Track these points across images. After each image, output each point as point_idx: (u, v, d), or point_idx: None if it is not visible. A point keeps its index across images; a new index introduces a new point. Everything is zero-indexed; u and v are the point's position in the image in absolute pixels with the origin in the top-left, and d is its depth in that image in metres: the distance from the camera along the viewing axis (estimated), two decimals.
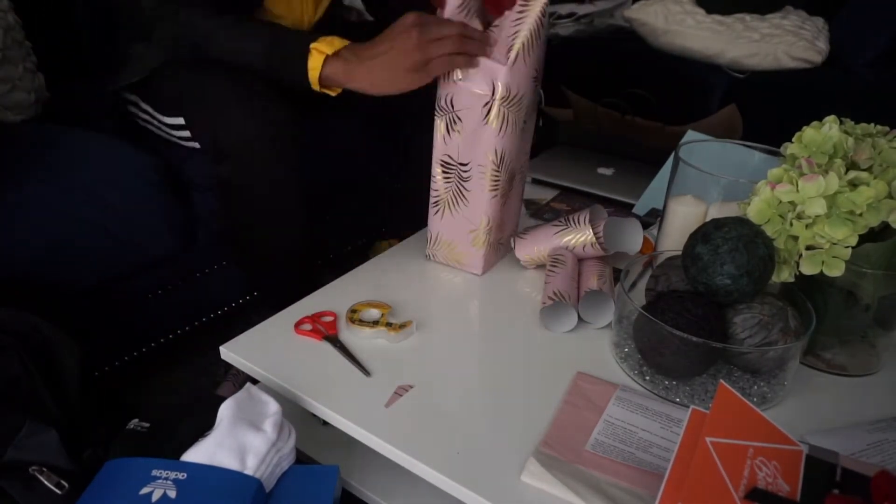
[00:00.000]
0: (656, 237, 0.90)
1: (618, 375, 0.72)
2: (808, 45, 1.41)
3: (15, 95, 1.03)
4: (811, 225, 0.65)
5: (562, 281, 0.81)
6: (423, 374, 0.71)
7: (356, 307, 0.80)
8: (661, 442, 0.61)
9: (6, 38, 1.00)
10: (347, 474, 0.71)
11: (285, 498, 0.59)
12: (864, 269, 0.67)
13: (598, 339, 0.78)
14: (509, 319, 0.81)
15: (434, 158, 0.86)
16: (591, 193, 1.21)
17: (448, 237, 0.90)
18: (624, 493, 0.55)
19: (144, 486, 0.55)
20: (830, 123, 0.69)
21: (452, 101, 0.80)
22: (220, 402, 0.61)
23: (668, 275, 0.73)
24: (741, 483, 0.48)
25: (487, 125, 0.80)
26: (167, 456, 0.58)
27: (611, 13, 1.75)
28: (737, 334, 0.66)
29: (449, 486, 0.58)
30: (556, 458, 0.59)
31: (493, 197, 0.84)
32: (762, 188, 0.68)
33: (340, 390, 0.68)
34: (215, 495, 0.55)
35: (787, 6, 1.56)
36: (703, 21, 1.51)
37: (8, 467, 0.57)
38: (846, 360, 0.74)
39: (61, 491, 0.57)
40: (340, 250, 1.38)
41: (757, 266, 0.65)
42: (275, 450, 0.60)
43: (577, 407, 0.66)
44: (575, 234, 0.87)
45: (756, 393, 0.67)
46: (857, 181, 0.64)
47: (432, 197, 0.89)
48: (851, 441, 0.61)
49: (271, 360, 0.72)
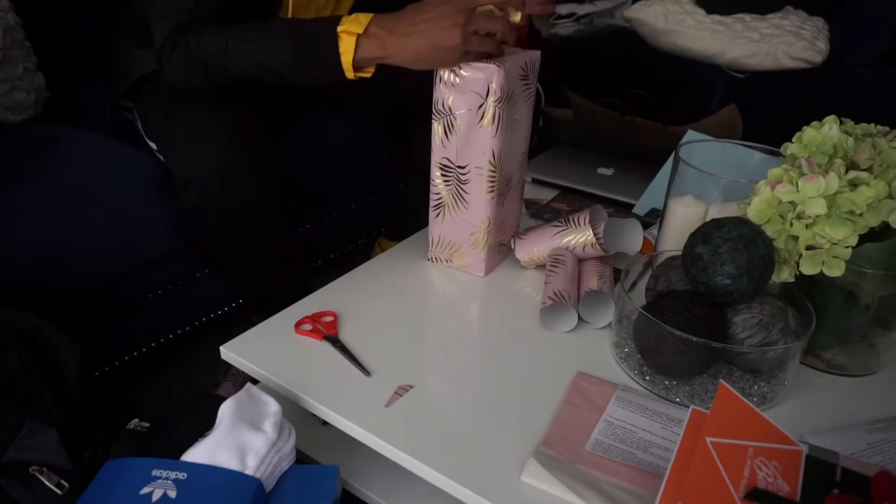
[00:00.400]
0: (656, 237, 0.90)
1: (618, 375, 0.72)
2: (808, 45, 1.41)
3: (15, 95, 1.03)
4: (811, 225, 0.65)
5: (562, 281, 0.81)
6: (423, 374, 0.71)
7: None
8: (661, 442, 0.61)
9: (6, 38, 1.00)
10: (347, 474, 0.71)
11: (285, 498, 0.59)
12: (864, 269, 0.67)
13: (598, 339, 0.78)
14: (509, 319, 0.81)
15: (433, 162, 0.86)
16: (591, 193, 1.21)
17: (449, 239, 0.90)
18: (624, 493, 0.55)
19: (144, 486, 0.55)
20: (830, 123, 0.69)
21: (449, 104, 0.80)
22: (220, 402, 0.61)
23: (668, 275, 0.73)
24: (741, 483, 0.48)
25: (482, 127, 0.80)
26: (167, 456, 0.58)
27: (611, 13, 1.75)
28: (737, 334, 0.66)
29: (449, 486, 0.58)
30: (556, 458, 0.59)
31: (491, 198, 0.85)
32: (762, 188, 0.68)
33: (340, 390, 0.68)
34: (215, 495, 0.55)
35: (787, 6, 1.56)
36: (703, 21, 1.51)
37: (8, 467, 0.57)
38: (846, 360, 0.74)
39: (61, 491, 0.57)
40: (340, 250, 1.38)
41: (757, 266, 0.65)
42: (275, 450, 0.60)
43: (577, 407, 0.66)
44: (575, 235, 0.87)
45: (756, 393, 0.67)
46: (857, 181, 0.64)
47: (433, 200, 0.89)
48: (851, 441, 0.61)
49: (271, 360, 0.72)
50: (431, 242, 0.92)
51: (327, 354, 0.74)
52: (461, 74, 0.78)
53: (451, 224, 0.89)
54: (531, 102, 0.87)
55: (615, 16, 1.73)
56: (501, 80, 0.77)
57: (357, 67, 0.77)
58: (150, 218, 0.96)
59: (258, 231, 0.91)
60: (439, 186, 0.87)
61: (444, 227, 0.90)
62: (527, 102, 0.86)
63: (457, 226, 0.88)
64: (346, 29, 0.75)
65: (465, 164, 0.83)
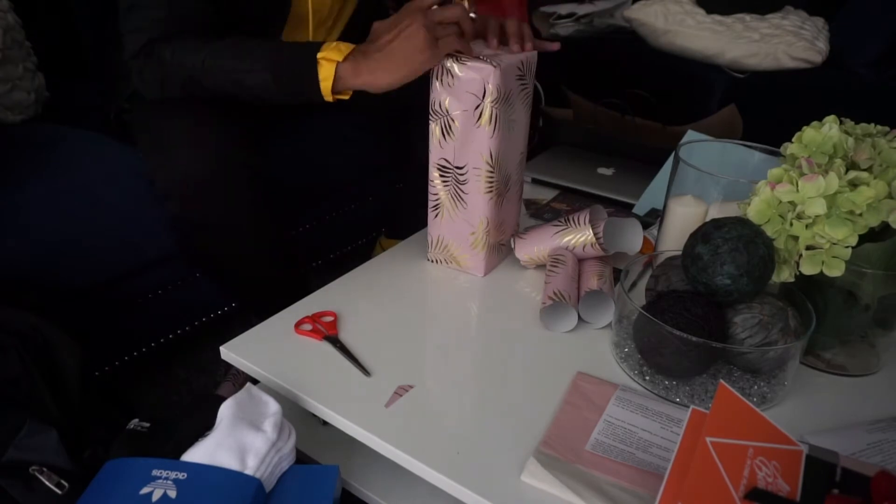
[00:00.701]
0: (656, 237, 0.90)
1: (618, 375, 0.72)
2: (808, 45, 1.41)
3: (15, 95, 1.03)
4: (811, 225, 0.65)
5: (562, 281, 0.81)
6: (423, 374, 0.71)
7: None
8: (661, 442, 0.61)
9: (6, 38, 1.00)
10: (347, 474, 0.71)
11: (285, 498, 0.59)
12: (864, 269, 0.67)
13: (598, 339, 0.78)
14: (509, 319, 0.81)
15: (431, 162, 0.86)
16: (591, 193, 1.21)
17: (448, 240, 0.90)
18: (624, 493, 0.55)
19: (144, 486, 0.55)
20: (830, 123, 0.69)
21: (445, 105, 0.80)
22: (220, 402, 0.61)
23: (668, 275, 0.73)
24: (741, 483, 0.48)
25: (480, 127, 0.80)
26: (167, 456, 0.58)
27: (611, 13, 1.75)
28: (737, 334, 0.66)
29: (449, 486, 0.58)
30: (556, 458, 0.59)
31: (489, 198, 0.85)
32: (762, 188, 0.68)
33: (340, 390, 0.68)
34: (215, 495, 0.55)
35: (787, 6, 1.56)
36: (703, 21, 1.51)
37: (8, 467, 0.57)
38: (846, 360, 0.74)
39: (61, 491, 0.57)
40: (340, 250, 1.38)
41: (757, 266, 0.65)
42: (275, 450, 0.60)
43: (577, 407, 0.66)
44: (575, 235, 0.87)
45: (756, 393, 0.67)
46: (857, 181, 0.64)
47: (431, 201, 0.89)
48: (851, 441, 0.61)
49: (271, 360, 0.72)
50: (430, 243, 0.92)
51: (327, 354, 0.74)
52: (457, 75, 0.78)
53: (450, 224, 0.89)
54: (529, 102, 0.87)
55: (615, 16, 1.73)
56: (498, 81, 0.77)
57: (335, 91, 0.79)
58: (150, 218, 0.95)
59: (242, 239, 0.90)
60: (437, 187, 0.87)
61: (442, 228, 0.90)
62: (524, 102, 0.86)
63: (456, 226, 0.88)
64: (325, 56, 0.77)
65: (463, 164, 0.83)
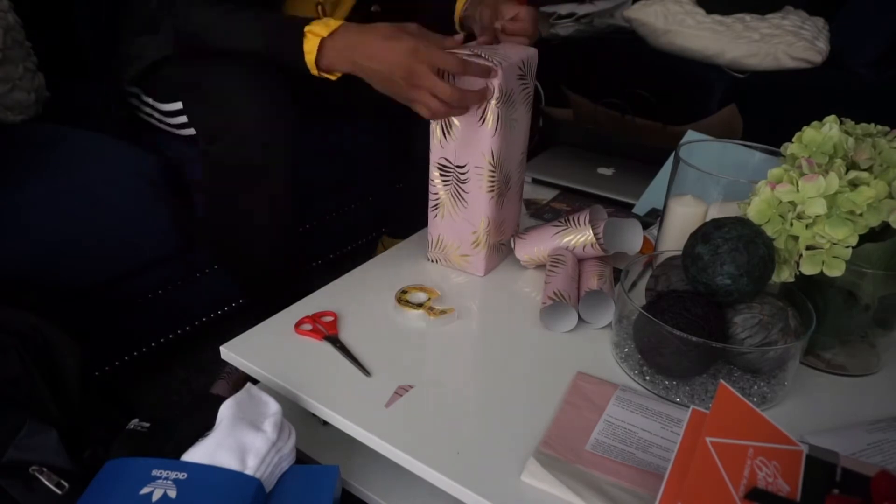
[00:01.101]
0: (656, 237, 0.90)
1: (618, 375, 0.72)
2: (808, 45, 1.41)
3: (15, 95, 1.03)
4: (811, 225, 0.65)
5: (562, 281, 0.81)
6: (423, 374, 0.71)
7: (406, 289, 0.84)
8: (661, 442, 0.61)
9: (6, 38, 1.00)
10: (347, 474, 0.71)
11: (285, 498, 0.59)
12: (864, 269, 0.67)
13: (598, 339, 0.78)
14: (509, 319, 0.81)
15: (431, 162, 0.86)
16: (591, 193, 1.21)
17: (449, 239, 0.90)
18: (624, 493, 0.55)
19: (144, 486, 0.55)
20: (830, 123, 0.69)
21: None
22: (220, 402, 0.61)
23: (668, 275, 0.73)
24: (741, 483, 0.48)
25: (483, 126, 0.80)
26: (167, 456, 0.59)
27: (611, 13, 1.75)
28: (737, 334, 0.66)
29: (449, 486, 0.58)
30: (556, 458, 0.59)
31: (490, 198, 0.84)
32: (762, 188, 0.68)
33: (340, 390, 0.68)
34: (215, 495, 0.55)
35: (787, 6, 1.56)
36: (703, 21, 1.51)
37: (8, 467, 0.57)
38: (846, 360, 0.74)
39: (61, 491, 0.57)
40: (340, 250, 1.38)
41: (757, 266, 0.65)
42: (275, 450, 0.60)
43: (577, 407, 0.66)
44: (575, 235, 0.87)
45: (756, 393, 0.67)
46: (858, 181, 0.64)
47: (431, 200, 0.89)
48: (851, 441, 0.61)
49: (271, 360, 0.72)
50: (431, 242, 0.92)
51: (327, 354, 0.74)
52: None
53: (451, 224, 0.89)
54: (529, 102, 0.87)
55: (615, 16, 1.73)
56: (500, 81, 0.77)
57: (321, 68, 0.80)
58: (150, 218, 0.96)
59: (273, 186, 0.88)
60: (438, 186, 0.87)
61: (443, 228, 0.90)
62: (525, 102, 0.86)
63: (456, 226, 0.88)
64: (311, 29, 0.78)
65: (464, 163, 0.83)
